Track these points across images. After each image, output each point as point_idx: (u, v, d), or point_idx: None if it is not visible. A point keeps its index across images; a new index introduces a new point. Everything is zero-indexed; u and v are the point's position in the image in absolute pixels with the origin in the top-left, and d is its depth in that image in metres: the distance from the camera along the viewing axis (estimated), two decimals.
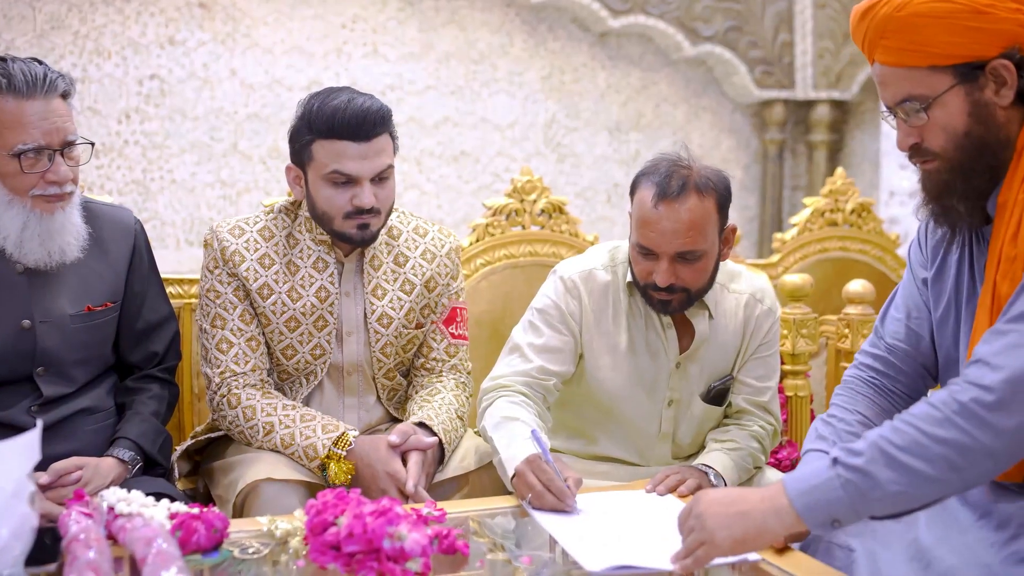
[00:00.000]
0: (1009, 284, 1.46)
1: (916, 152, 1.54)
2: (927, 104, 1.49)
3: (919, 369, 1.74)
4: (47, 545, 1.42)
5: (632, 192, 2.01)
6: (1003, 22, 1.44)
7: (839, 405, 1.75)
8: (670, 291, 1.97)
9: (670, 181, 1.92)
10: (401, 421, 2.14)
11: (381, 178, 2.04)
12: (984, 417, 1.33)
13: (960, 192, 1.52)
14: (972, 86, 1.47)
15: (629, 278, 2.07)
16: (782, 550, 1.53)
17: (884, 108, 1.56)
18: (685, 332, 2.09)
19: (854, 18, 1.57)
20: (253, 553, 1.52)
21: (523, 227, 2.88)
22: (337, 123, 1.97)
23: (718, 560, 1.47)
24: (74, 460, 1.89)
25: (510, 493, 1.87)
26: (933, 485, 1.37)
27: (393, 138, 2.07)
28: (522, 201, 2.88)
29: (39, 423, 1.37)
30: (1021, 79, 1.46)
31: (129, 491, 1.57)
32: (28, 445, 1.30)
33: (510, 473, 1.83)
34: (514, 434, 1.89)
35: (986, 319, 1.50)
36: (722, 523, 1.43)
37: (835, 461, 1.39)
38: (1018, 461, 1.39)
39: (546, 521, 1.71)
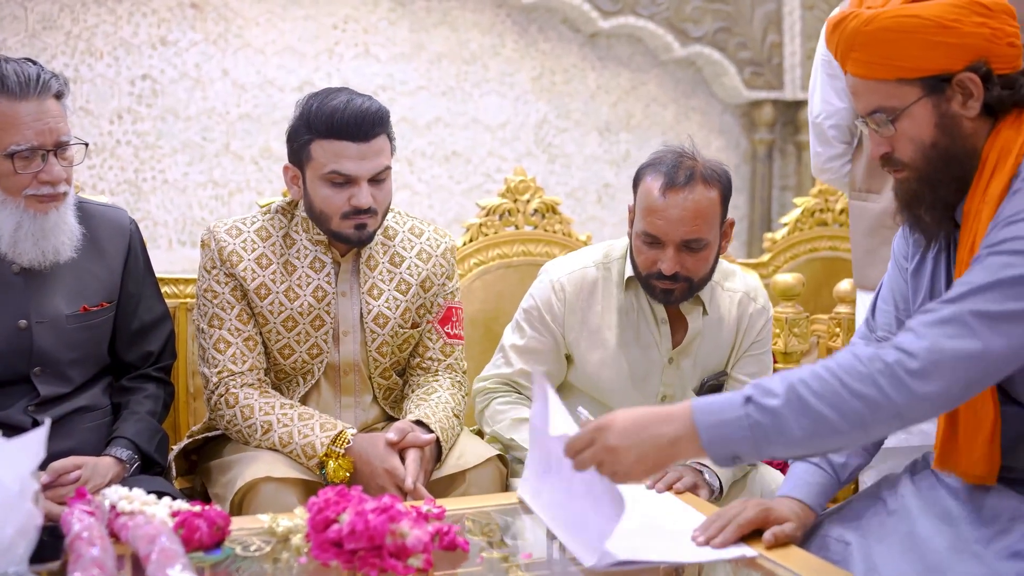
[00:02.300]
0: None
1: (887, 161, 1.57)
2: (895, 116, 1.52)
3: None
4: (48, 543, 1.42)
5: (636, 184, 2.04)
6: (969, 36, 1.47)
7: None
8: (674, 279, 2.00)
9: (677, 171, 1.97)
10: (397, 420, 2.15)
11: (378, 179, 2.05)
12: (905, 380, 1.35)
13: (928, 202, 1.55)
14: (939, 98, 1.50)
15: (629, 273, 2.09)
16: (778, 545, 1.54)
17: (859, 117, 1.59)
18: (679, 327, 2.11)
19: (827, 30, 1.59)
20: (255, 550, 1.52)
21: (516, 227, 2.89)
22: (336, 123, 1.99)
23: (708, 551, 1.51)
24: (73, 459, 1.90)
25: (506, 490, 1.88)
26: (837, 437, 1.38)
27: (391, 139, 2.08)
28: (515, 201, 2.89)
29: (46, 422, 1.37)
30: (987, 91, 1.49)
31: (130, 489, 1.57)
32: (34, 443, 1.30)
33: None
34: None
35: None
36: (628, 443, 1.39)
37: (748, 399, 1.39)
38: (919, 424, 1.42)
39: (544, 516, 1.72)
